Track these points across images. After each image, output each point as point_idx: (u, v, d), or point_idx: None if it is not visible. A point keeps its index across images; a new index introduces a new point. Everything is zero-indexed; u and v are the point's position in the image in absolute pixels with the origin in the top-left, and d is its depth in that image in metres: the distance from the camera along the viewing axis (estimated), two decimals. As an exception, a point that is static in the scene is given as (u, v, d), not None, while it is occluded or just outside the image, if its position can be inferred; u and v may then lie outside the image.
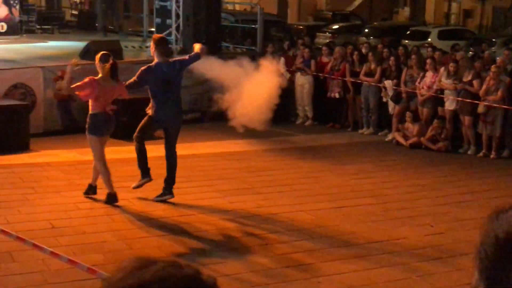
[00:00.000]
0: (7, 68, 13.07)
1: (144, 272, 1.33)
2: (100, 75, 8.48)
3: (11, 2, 18.80)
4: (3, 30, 18.72)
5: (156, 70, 8.64)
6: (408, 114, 13.06)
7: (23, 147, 11.39)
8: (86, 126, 8.49)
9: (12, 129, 11.32)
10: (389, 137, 13.59)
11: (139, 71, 8.71)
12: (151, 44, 8.95)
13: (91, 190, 8.82)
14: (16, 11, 19.01)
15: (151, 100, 8.82)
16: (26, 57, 14.99)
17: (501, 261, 1.36)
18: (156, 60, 8.74)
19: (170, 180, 8.84)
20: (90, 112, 8.47)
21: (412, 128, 12.96)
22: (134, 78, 8.69)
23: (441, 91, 12.81)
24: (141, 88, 8.96)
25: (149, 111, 8.82)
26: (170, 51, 8.75)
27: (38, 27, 21.40)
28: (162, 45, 8.86)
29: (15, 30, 19.09)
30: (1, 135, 11.14)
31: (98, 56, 8.64)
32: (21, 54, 15.43)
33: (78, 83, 8.44)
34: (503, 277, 1.35)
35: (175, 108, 8.87)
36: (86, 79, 8.41)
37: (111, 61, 8.48)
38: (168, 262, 1.36)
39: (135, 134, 8.84)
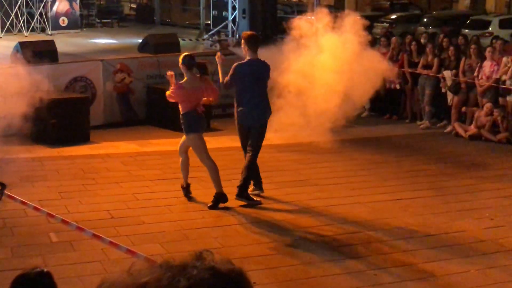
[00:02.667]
0: (68, 62, 13.36)
1: (178, 281, 1.34)
2: (185, 78, 8.45)
3: (72, -3, 19.20)
4: (64, 24, 19.16)
5: (247, 67, 8.61)
6: (489, 105, 12.59)
7: (84, 139, 11.64)
8: (182, 127, 8.45)
9: (73, 121, 11.58)
10: (448, 128, 13.36)
11: (232, 68, 8.66)
12: (242, 42, 8.83)
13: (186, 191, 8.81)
14: (76, 5, 19.42)
15: (236, 99, 8.78)
16: (86, 50, 15.30)
17: None
18: (248, 57, 8.67)
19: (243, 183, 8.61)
20: (181, 112, 8.41)
21: (483, 119, 12.55)
22: (228, 76, 8.63)
23: (502, 81, 12.52)
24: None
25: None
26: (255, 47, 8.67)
27: (98, 21, 21.80)
28: (253, 42, 8.73)
29: (76, 24, 19.50)
30: (63, 127, 11.41)
31: (181, 58, 8.55)
32: (81, 47, 15.76)
33: (168, 92, 8.46)
34: None
35: (261, 107, 8.67)
36: (173, 86, 8.38)
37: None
38: (202, 269, 1.36)
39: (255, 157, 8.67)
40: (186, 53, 8.90)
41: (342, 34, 10.01)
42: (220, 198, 8.38)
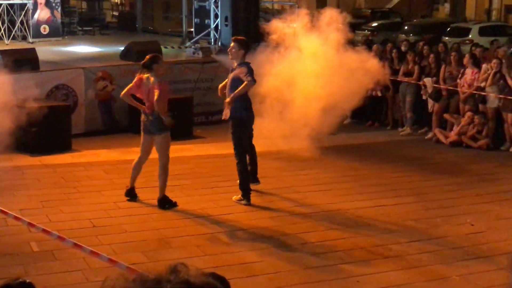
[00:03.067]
0: (50, 70, 13.30)
1: None
2: (152, 79, 8.41)
3: (53, 4, 19.12)
4: (46, 32, 19.06)
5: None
6: (469, 114, 12.68)
7: (65, 147, 11.59)
8: (156, 127, 8.42)
9: (54, 129, 11.52)
10: (429, 135, 13.45)
11: (250, 68, 8.86)
12: (233, 45, 8.96)
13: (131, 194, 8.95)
14: (58, 13, 19.34)
15: (244, 103, 8.94)
16: (68, 58, 15.24)
17: None
18: (244, 61, 8.93)
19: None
20: (155, 112, 8.35)
21: (465, 127, 12.62)
22: (251, 76, 8.79)
23: (483, 88, 12.63)
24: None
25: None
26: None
27: (79, 28, 21.73)
28: (248, 47, 9.15)
29: (57, 32, 19.42)
30: (44, 136, 11.35)
31: (156, 58, 8.54)
32: (63, 55, 15.69)
33: (156, 97, 8.27)
34: None
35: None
36: (157, 87, 8.28)
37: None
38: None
39: (237, 153, 9.00)
40: (157, 54, 8.93)
41: (321, 32, 10.13)
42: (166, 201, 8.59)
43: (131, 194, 8.82)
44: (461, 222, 8.33)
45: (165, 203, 8.55)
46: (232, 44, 9.04)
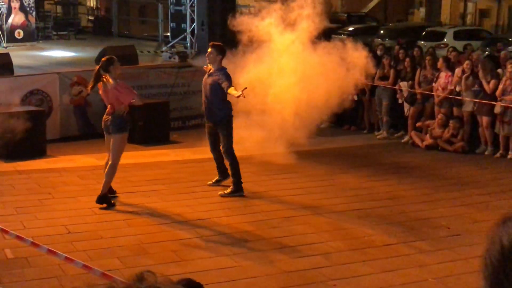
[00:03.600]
0: (24, 75, 13.18)
1: None
2: (111, 80, 8.66)
3: (28, 9, 18.96)
4: (20, 37, 18.89)
5: None
6: (441, 116, 12.79)
7: (40, 153, 11.48)
8: (114, 127, 8.62)
9: (29, 135, 11.38)
10: (405, 138, 13.53)
11: (229, 74, 9.14)
12: (211, 50, 9.17)
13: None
14: (32, 18, 19.18)
15: (227, 103, 9.27)
16: (42, 63, 15.11)
17: (505, 269, 1.33)
18: (221, 66, 9.20)
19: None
20: (116, 112, 8.63)
21: (437, 130, 12.74)
22: (230, 82, 9.05)
23: (457, 92, 12.73)
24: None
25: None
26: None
27: (54, 33, 21.57)
28: (225, 52, 9.40)
29: (32, 36, 19.26)
30: (18, 141, 11.21)
31: (111, 60, 8.77)
32: (37, 60, 15.56)
33: (131, 92, 8.83)
34: (506, 285, 1.33)
35: None
36: (124, 85, 8.79)
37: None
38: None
39: (230, 148, 9.30)
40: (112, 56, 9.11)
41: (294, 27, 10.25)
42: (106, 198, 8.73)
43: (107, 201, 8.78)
44: (437, 225, 8.37)
45: (104, 201, 8.65)
46: (209, 50, 9.15)
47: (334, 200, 9.32)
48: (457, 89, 12.73)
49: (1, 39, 18.59)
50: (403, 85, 13.47)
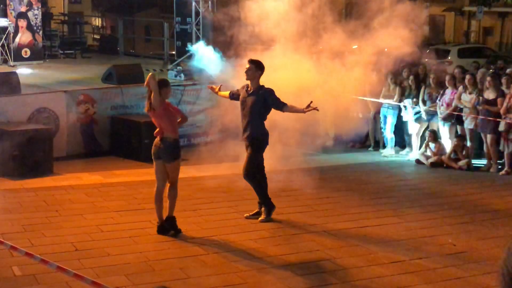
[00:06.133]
0: (31, 93, 13.27)
1: None
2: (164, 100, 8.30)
3: (35, 28, 19.10)
4: (27, 56, 19.02)
5: None
6: (428, 133, 13.03)
7: (47, 171, 11.54)
8: (172, 154, 8.22)
9: (36, 153, 11.48)
10: (410, 156, 13.57)
11: (274, 93, 8.86)
12: (250, 66, 8.84)
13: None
14: (39, 37, 19.31)
15: (263, 124, 8.96)
16: (49, 81, 15.22)
17: None
18: (259, 84, 8.91)
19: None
20: (174, 137, 8.23)
21: (434, 146, 12.90)
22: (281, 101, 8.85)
23: (461, 109, 12.78)
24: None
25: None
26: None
27: (61, 52, 21.71)
28: (264, 68, 8.97)
29: (38, 55, 19.39)
30: (26, 159, 11.31)
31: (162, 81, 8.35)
32: (44, 79, 15.66)
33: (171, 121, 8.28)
34: None
35: None
36: (163, 110, 8.19)
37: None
38: None
39: (251, 169, 8.93)
40: (164, 78, 8.90)
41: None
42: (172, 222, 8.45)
43: (169, 228, 8.51)
44: (443, 243, 8.38)
45: (171, 226, 8.41)
46: (248, 66, 8.88)
47: (339, 218, 9.34)
48: (461, 106, 12.77)
49: (9, 58, 18.72)
50: (408, 102, 13.53)
